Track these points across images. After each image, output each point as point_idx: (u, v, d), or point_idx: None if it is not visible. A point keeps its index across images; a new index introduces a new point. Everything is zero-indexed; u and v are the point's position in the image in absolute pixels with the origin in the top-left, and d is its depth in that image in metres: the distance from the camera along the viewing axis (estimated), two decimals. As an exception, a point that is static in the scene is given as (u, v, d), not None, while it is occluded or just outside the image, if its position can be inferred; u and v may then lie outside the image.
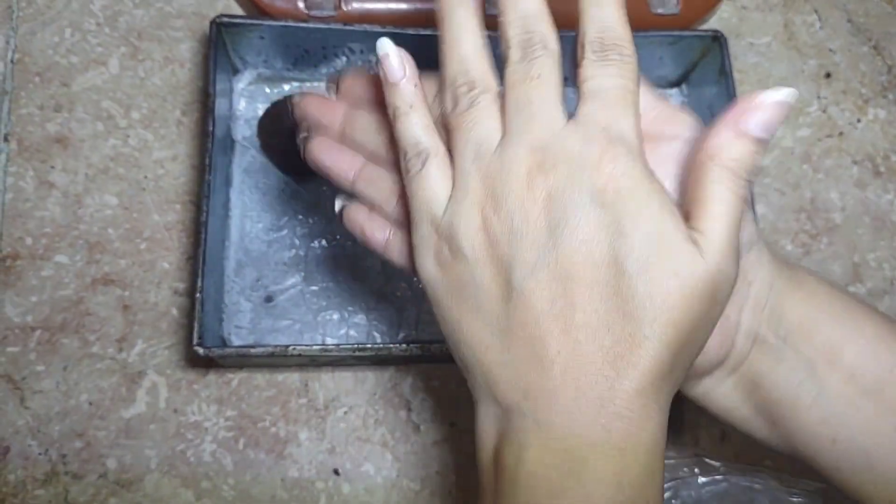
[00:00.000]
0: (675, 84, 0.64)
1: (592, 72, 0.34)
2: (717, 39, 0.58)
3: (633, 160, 0.33)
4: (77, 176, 0.59)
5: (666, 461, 0.55)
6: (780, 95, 0.34)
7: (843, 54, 0.67)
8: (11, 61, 0.61)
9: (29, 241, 0.57)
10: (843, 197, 0.63)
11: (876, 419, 0.39)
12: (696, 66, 0.61)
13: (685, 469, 0.54)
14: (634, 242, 0.32)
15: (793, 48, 0.67)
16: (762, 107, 0.33)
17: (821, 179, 0.64)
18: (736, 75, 0.60)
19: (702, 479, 0.54)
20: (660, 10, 0.62)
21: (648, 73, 0.61)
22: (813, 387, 0.39)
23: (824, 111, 0.66)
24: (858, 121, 0.66)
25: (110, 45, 0.62)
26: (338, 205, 0.43)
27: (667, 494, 0.53)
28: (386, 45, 0.38)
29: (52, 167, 0.59)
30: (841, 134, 0.65)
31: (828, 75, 0.67)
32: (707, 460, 0.55)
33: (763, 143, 0.34)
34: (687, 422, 0.57)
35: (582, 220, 0.32)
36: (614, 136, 0.33)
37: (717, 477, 0.54)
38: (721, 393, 0.41)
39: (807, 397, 0.39)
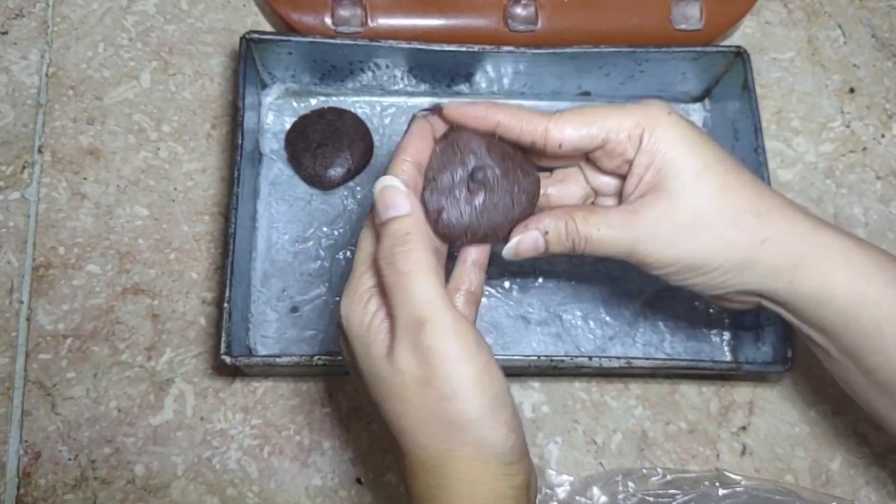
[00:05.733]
0: (698, 99, 0.64)
1: None
2: (741, 55, 0.58)
3: None
4: (108, 187, 0.60)
5: (687, 475, 0.55)
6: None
7: (867, 69, 0.67)
8: (46, 75, 0.63)
9: (61, 250, 0.59)
10: (867, 212, 0.63)
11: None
12: (719, 82, 0.62)
13: (706, 483, 0.54)
14: None
15: (816, 63, 0.67)
16: None
17: (844, 195, 0.64)
18: (759, 90, 0.60)
19: (722, 492, 0.53)
20: (682, 26, 0.63)
21: (671, 88, 0.62)
22: (828, 357, 0.45)
23: (848, 126, 0.66)
24: (882, 136, 0.65)
25: (142, 59, 0.64)
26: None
27: (687, 507, 0.53)
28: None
29: (85, 178, 0.60)
30: (864, 149, 0.65)
31: (851, 90, 0.67)
32: (728, 474, 0.55)
33: None
34: (709, 436, 0.57)
35: None
36: None
37: (738, 489, 0.54)
38: None
39: (824, 357, 0.45)
